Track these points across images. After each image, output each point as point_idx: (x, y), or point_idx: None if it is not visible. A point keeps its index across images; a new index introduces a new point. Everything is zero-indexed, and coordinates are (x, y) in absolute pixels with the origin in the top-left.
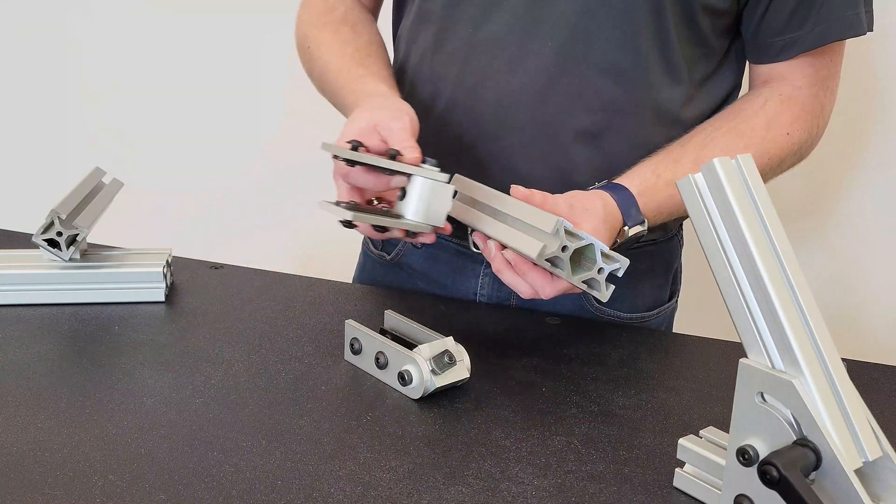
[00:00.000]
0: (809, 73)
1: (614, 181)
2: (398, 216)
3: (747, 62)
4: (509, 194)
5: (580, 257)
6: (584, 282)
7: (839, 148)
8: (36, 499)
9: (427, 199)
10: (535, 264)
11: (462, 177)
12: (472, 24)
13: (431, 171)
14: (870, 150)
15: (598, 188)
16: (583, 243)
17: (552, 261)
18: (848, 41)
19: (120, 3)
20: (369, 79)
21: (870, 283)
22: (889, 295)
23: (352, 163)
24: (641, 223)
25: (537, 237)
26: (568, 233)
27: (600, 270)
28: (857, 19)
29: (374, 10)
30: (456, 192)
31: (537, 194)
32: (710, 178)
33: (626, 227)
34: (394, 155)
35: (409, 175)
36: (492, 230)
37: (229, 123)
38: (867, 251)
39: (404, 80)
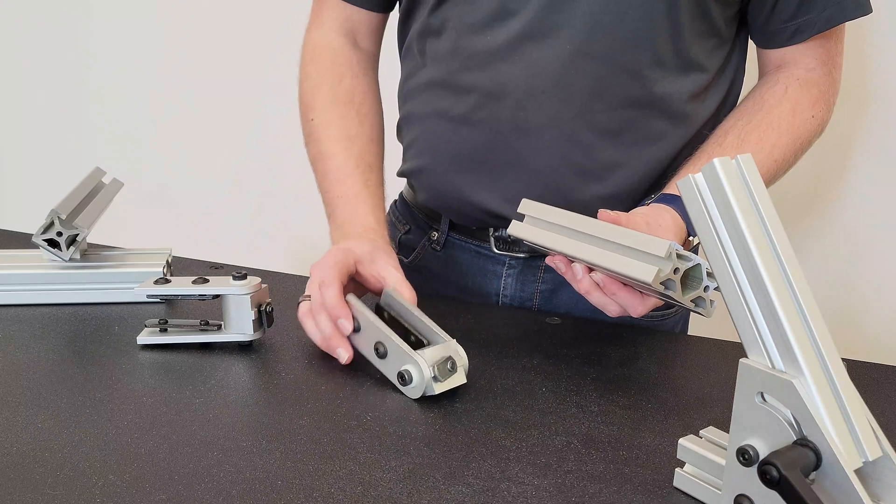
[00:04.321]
0: (820, 53)
1: (668, 192)
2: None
3: (752, 46)
4: (561, 208)
5: (685, 277)
6: (692, 301)
7: (839, 147)
8: (36, 499)
9: None
10: (624, 284)
11: (529, 200)
12: (488, 30)
13: None
14: (870, 150)
15: (656, 201)
16: (692, 264)
17: (665, 283)
18: (847, 32)
19: (120, 4)
20: (362, 211)
21: (870, 282)
22: (889, 295)
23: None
24: None
25: (648, 261)
26: (679, 256)
27: (706, 288)
28: None
29: (375, 52)
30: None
31: (622, 216)
32: (710, 178)
33: (691, 238)
34: None
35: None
36: (588, 255)
37: (230, 124)
38: (867, 251)
39: (418, 86)
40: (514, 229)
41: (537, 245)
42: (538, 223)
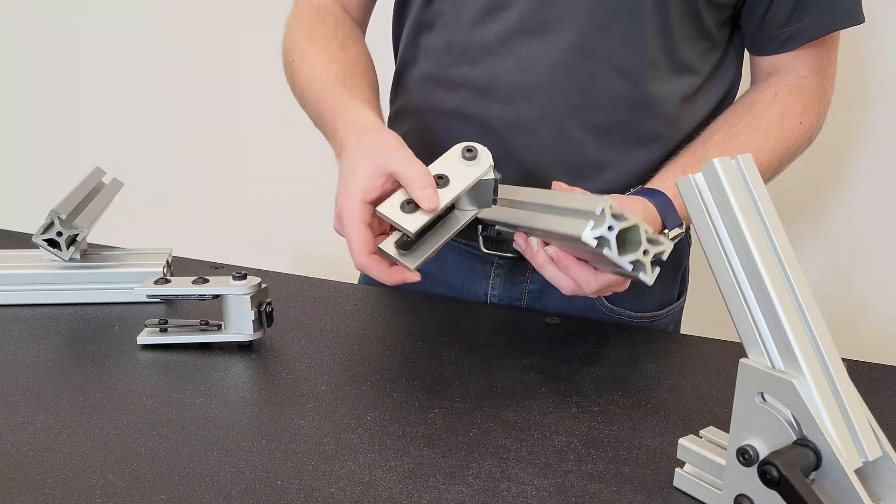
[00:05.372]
0: (812, 62)
1: (648, 186)
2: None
3: (746, 53)
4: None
5: (625, 241)
6: (630, 263)
7: (839, 147)
8: (36, 499)
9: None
10: (578, 259)
11: (503, 185)
12: (480, 25)
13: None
14: (870, 150)
15: (634, 193)
16: (629, 223)
17: (599, 240)
18: (843, 35)
19: (120, 4)
20: (353, 103)
21: (870, 282)
22: (889, 294)
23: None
24: (680, 225)
25: (584, 219)
26: (614, 215)
27: (646, 252)
28: (857, 8)
29: (363, 23)
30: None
31: (578, 191)
32: (710, 178)
33: (665, 231)
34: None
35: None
36: (536, 222)
37: (230, 123)
38: (867, 251)
39: (409, 83)
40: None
41: (500, 223)
42: (503, 203)
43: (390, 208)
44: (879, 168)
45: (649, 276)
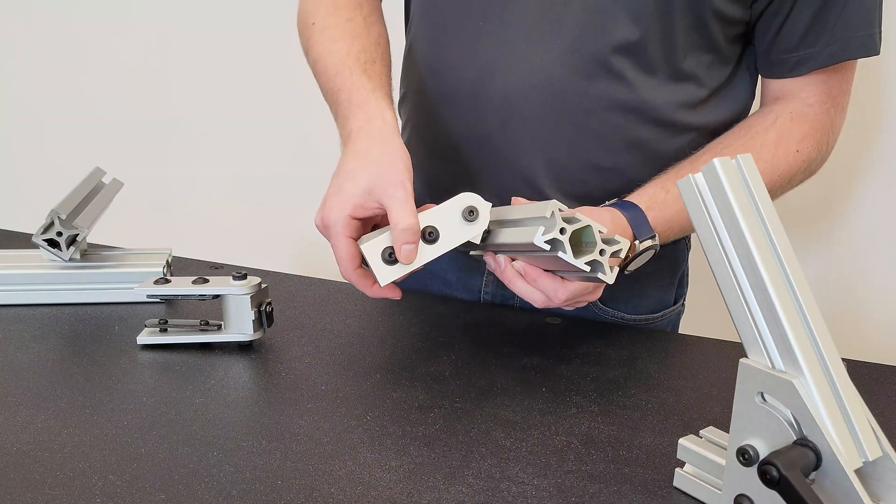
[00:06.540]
0: (821, 90)
1: (624, 199)
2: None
3: (759, 76)
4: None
5: (581, 244)
6: (587, 264)
7: (840, 149)
8: (36, 499)
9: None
10: (545, 270)
11: None
12: (483, 19)
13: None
14: (871, 152)
15: (608, 205)
16: (579, 225)
17: (552, 244)
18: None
19: (122, 4)
20: (374, 95)
21: (870, 283)
22: (889, 295)
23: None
24: (652, 237)
25: (536, 225)
26: (566, 219)
27: (602, 252)
28: (871, 40)
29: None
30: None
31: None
32: (710, 178)
33: (636, 242)
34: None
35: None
36: (498, 238)
37: (230, 123)
38: (867, 251)
39: (414, 65)
40: None
41: (472, 249)
42: None
43: (373, 252)
44: (880, 170)
45: (609, 276)
